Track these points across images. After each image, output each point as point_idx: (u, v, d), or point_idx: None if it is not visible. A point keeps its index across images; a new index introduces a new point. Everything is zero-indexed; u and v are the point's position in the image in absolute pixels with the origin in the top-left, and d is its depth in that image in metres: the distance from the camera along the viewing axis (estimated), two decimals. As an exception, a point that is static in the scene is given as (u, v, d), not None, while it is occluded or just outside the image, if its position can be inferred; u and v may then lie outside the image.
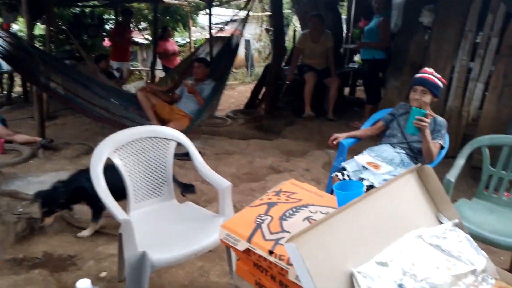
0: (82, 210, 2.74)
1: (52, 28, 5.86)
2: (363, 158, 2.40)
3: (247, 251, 1.10)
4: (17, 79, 7.35)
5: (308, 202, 1.30)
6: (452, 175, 2.02)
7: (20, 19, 7.18)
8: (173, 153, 2.03)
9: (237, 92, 8.48)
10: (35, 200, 2.31)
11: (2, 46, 3.88)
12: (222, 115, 5.49)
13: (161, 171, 2.02)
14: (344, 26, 6.57)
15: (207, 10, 6.29)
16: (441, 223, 1.13)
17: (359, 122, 4.14)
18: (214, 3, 6.43)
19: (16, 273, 2.06)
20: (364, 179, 2.22)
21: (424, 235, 1.05)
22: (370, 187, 2.11)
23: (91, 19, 8.37)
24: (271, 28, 7.48)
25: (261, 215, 1.21)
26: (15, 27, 8.21)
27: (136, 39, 9.38)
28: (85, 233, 2.46)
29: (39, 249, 2.29)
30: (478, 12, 3.64)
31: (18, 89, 7.62)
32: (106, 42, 8.58)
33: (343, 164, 2.39)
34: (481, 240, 1.74)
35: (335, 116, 4.96)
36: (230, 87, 9.31)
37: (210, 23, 5.88)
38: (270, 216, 1.21)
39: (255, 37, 11.41)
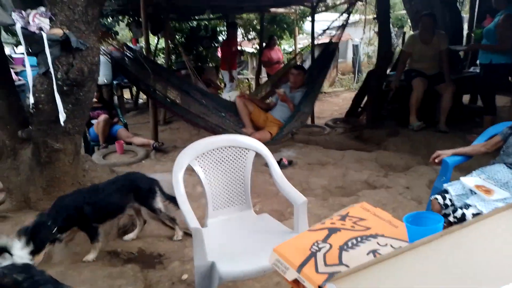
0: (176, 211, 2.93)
1: (170, 42, 6.50)
2: (471, 180, 2.04)
3: (297, 281, 1.00)
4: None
5: (378, 232, 1.14)
6: None
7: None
8: (251, 163, 2.01)
9: (341, 100, 8.21)
10: (19, 239, 1.92)
11: (125, 61, 4.44)
12: (321, 123, 5.35)
13: (240, 181, 2.02)
14: (466, 26, 5.82)
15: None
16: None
17: (478, 136, 3.58)
18: (318, 9, 6.33)
19: (113, 265, 2.28)
20: (470, 205, 1.88)
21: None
22: (477, 215, 1.78)
23: (206, 31, 9.04)
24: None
25: (319, 242, 1.10)
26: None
27: (245, 48, 9.82)
28: (90, 256, 2.30)
29: (135, 245, 2.51)
30: None
31: (144, 96, 8.66)
32: (219, 53, 9.21)
33: (446, 186, 2.07)
34: None
35: (449, 128, 4.39)
36: (335, 94, 9.06)
37: (312, 29, 5.80)
38: (329, 244, 1.09)
39: (365, 41, 10.92)
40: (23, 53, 7.69)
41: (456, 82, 4.52)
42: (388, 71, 5.24)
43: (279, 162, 3.74)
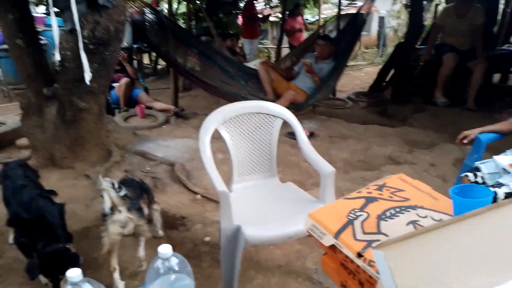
0: (198, 175, 2.95)
1: (192, 6, 6.35)
2: (505, 158, 1.96)
3: (334, 247, 0.98)
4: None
5: (418, 203, 1.10)
6: None
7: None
8: (278, 131, 1.98)
9: (363, 74, 8.01)
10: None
11: (147, 24, 4.35)
12: (343, 97, 5.24)
13: (266, 148, 1.99)
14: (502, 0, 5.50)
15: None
16: None
17: (508, 115, 3.45)
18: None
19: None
20: (503, 184, 1.82)
21: None
22: (510, 196, 1.72)
23: (227, -4, 8.79)
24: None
25: (356, 210, 1.07)
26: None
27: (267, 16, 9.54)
28: None
29: (145, 231, 2.52)
30: None
31: (163, 62, 8.59)
32: (240, 20, 8.97)
33: (477, 163, 2.00)
34: None
35: (477, 106, 4.24)
36: (357, 67, 8.84)
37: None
38: (366, 212, 1.06)
39: (392, 14, 10.51)
40: (44, 13, 7.66)
41: (488, 59, 4.32)
42: (417, 45, 5.03)
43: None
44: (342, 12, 5.67)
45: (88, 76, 2.40)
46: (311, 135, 3.70)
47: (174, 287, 0.89)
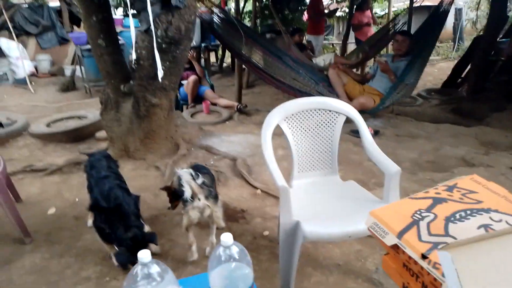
0: (259, 170, 3.00)
1: (258, 4, 6.43)
2: None
3: (396, 247, 0.95)
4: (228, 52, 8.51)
5: (491, 206, 1.02)
6: None
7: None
8: (341, 128, 1.94)
9: (437, 69, 7.53)
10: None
11: (216, 22, 4.51)
12: (413, 93, 4.97)
13: (327, 145, 1.97)
14: None
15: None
16: None
17: None
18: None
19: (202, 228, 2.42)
20: None
21: None
22: None
23: (293, -7, 8.75)
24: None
25: (422, 211, 1.02)
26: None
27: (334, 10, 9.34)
28: None
29: (218, 217, 2.62)
30: None
31: (228, 60, 8.84)
32: (305, 17, 8.89)
33: None
34: None
35: None
36: (430, 63, 8.31)
37: (412, -10, 5.28)
38: (433, 213, 1.01)
39: (470, 5, 9.72)
40: (122, 15, 8.27)
41: None
42: (499, 38, 4.61)
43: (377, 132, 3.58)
44: (415, 5, 5.37)
45: (160, 73, 2.55)
46: (375, 133, 3.57)
47: (234, 275, 0.93)
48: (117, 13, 9.30)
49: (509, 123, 3.70)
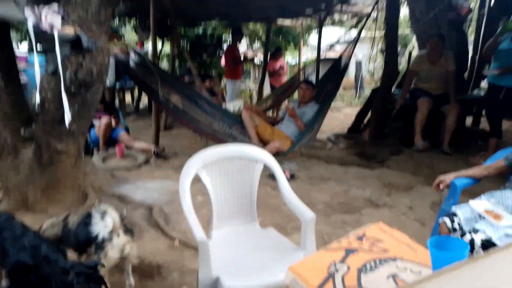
0: (177, 219, 2.88)
1: (176, 47, 6.50)
2: (480, 204, 2.00)
3: (315, 302, 0.96)
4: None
5: (397, 254, 1.10)
6: None
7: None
8: (259, 175, 1.98)
9: (343, 115, 8.22)
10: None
11: (130, 64, 4.42)
12: (323, 137, 5.33)
13: (246, 192, 1.98)
14: (470, 48, 5.86)
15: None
16: None
17: (481, 158, 3.57)
18: (326, 23, 6.36)
19: (111, 274, 2.22)
20: (478, 230, 1.85)
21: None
22: (487, 242, 1.75)
23: (211, 39, 9.06)
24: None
25: (337, 263, 1.06)
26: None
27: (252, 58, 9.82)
28: None
29: (134, 254, 2.44)
30: None
31: (145, 100, 8.63)
32: (223, 61, 9.21)
33: (454, 208, 2.04)
34: None
35: (452, 149, 4.38)
36: (337, 109, 9.07)
37: (319, 44, 5.83)
38: (346, 265, 1.05)
39: (368, 58, 11.00)
40: (27, 51, 7.65)
41: (460, 103, 4.53)
42: (392, 89, 5.24)
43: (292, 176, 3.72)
44: (321, 57, 5.92)
45: (68, 118, 2.37)
46: (291, 177, 3.71)
47: None
48: (21, 48, 8.60)
49: (405, 165, 4.14)
